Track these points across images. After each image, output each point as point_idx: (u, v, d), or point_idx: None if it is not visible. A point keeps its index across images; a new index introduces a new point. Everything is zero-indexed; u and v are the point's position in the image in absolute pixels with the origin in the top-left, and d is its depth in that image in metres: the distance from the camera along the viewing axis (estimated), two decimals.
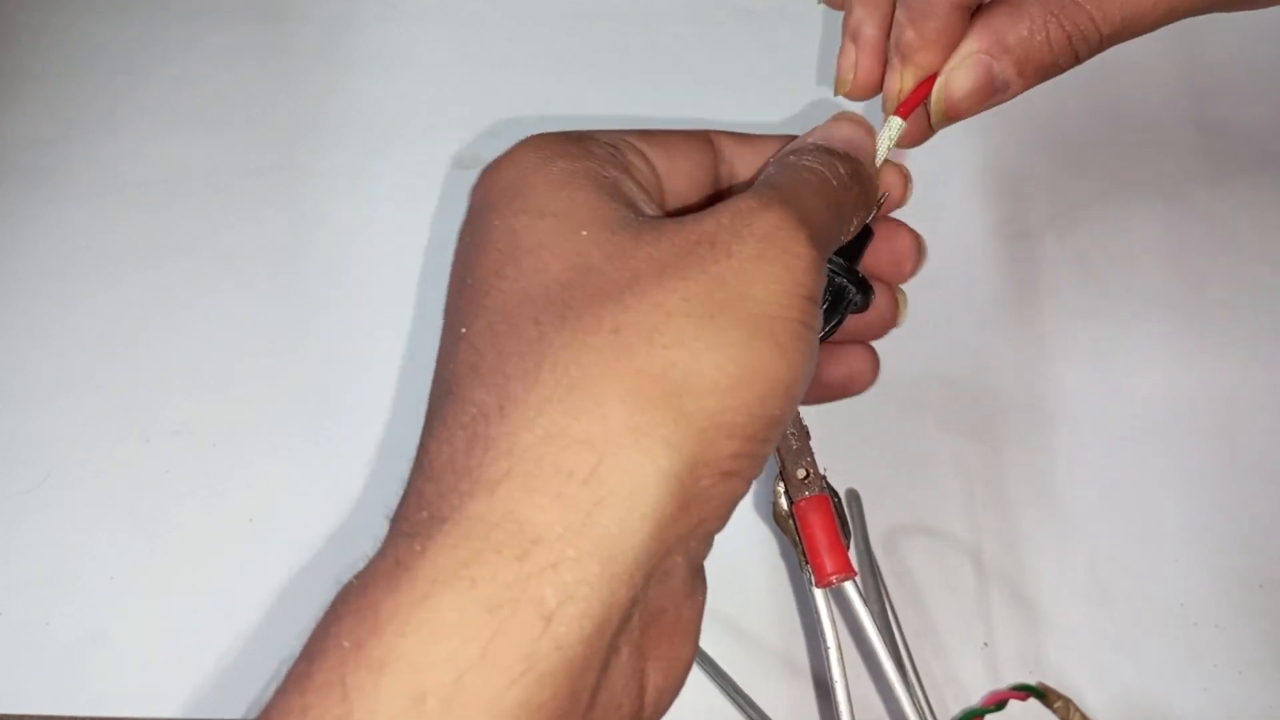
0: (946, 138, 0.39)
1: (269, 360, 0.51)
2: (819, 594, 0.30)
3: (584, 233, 0.24)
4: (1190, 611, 0.47)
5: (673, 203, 0.29)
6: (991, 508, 0.49)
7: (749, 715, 0.43)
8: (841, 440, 0.33)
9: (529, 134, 0.31)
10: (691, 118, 0.57)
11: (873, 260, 0.34)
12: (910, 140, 0.34)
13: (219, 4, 0.60)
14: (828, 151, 0.29)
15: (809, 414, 0.33)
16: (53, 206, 0.54)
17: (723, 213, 0.24)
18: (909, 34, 0.31)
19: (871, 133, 0.32)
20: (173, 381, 0.50)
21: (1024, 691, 0.44)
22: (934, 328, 0.52)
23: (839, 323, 0.37)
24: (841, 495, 0.33)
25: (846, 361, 0.35)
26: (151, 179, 0.55)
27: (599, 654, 0.20)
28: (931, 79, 0.32)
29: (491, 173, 0.27)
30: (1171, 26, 0.59)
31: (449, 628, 0.19)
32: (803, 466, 0.31)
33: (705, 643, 0.45)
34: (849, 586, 0.30)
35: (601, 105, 0.57)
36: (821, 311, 0.26)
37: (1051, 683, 0.46)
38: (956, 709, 0.45)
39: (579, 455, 0.20)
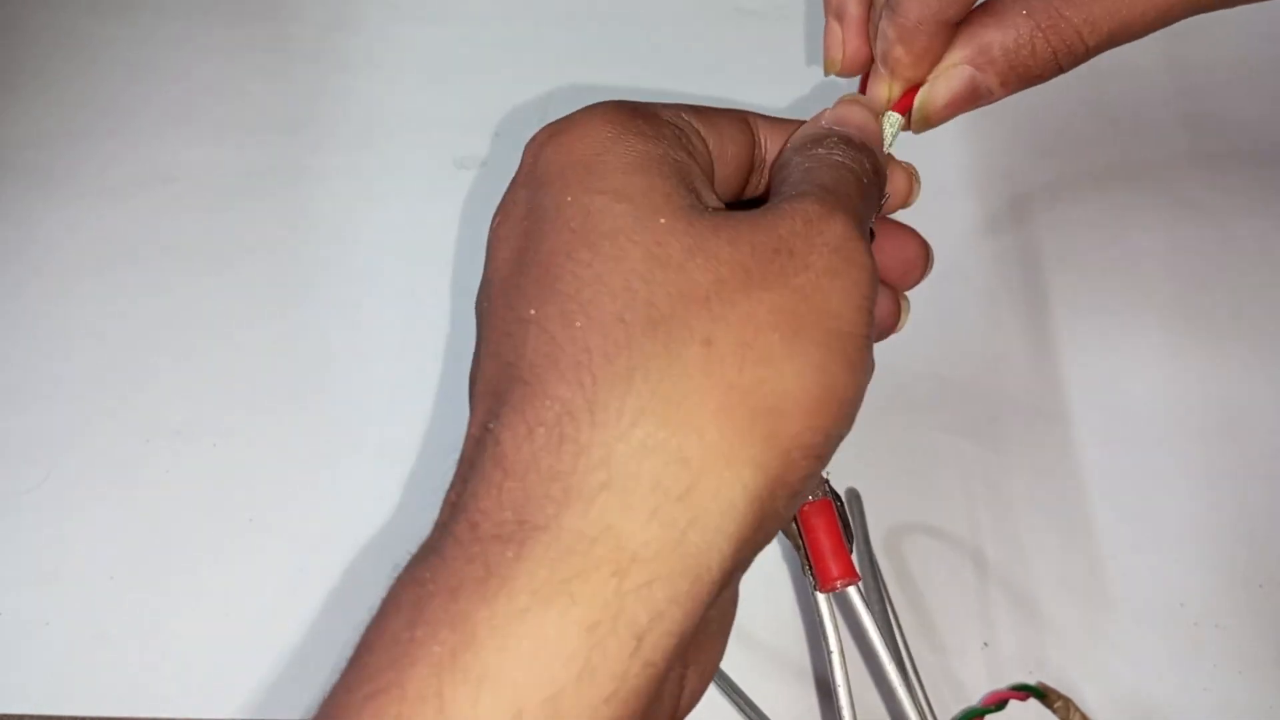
0: (945, 138, 0.39)
1: (268, 360, 0.51)
2: (821, 598, 0.30)
3: (662, 220, 0.23)
4: (1190, 611, 0.47)
5: (719, 187, 0.28)
6: (992, 508, 0.49)
7: (747, 714, 0.43)
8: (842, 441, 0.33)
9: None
10: None
11: (880, 265, 0.34)
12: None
13: (219, 4, 0.60)
14: (850, 143, 0.28)
15: None
16: (53, 206, 0.54)
17: (794, 217, 0.23)
18: (897, 50, 0.30)
19: (878, 119, 0.31)
20: (173, 381, 0.50)
21: (1024, 691, 0.44)
22: (934, 328, 0.52)
23: None
24: (842, 495, 0.33)
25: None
26: (151, 179, 0.55)
27: (674, 668, 0.20)
28: (918, 85, 0.32)
29: (559, 141, 0.26)
30: (1169, 26, 0.59)
31: (549, 645, 0.18)
32: None
33: None
34: (851, 590, 0.30)
35: None
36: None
37: (1051, 683, 0.46)
38: (957, 709, 0.45)
39: (675, 473, 0.20)
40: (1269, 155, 0.56)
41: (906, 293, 0.35)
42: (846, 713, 0.30)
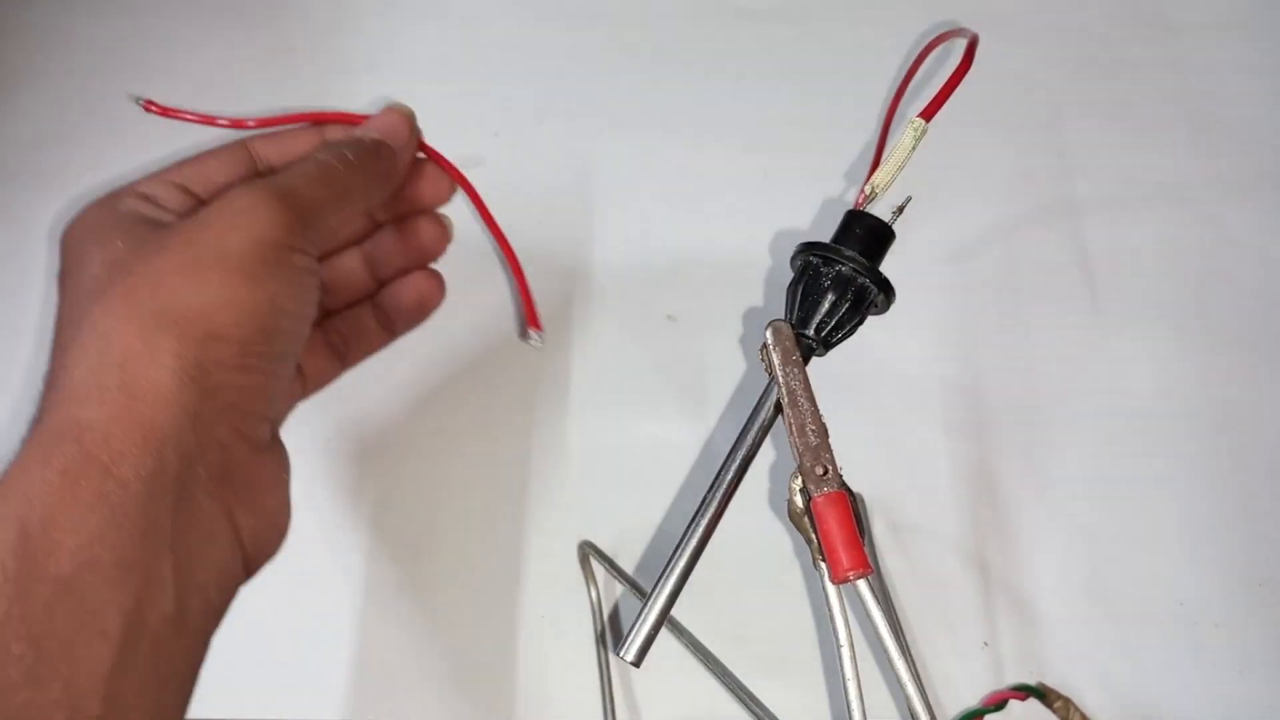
0: (947, 136, 0.39)
1: None
2: (833, 591, 0.30)
3: (118, 242, 0.33)
4: (1190, 611, 0.47)
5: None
6: (991, 508, 0.49)
7: (755, 713, 0.43)
8: (842, 440, 0.33)
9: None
10: (690, 115, 0.57)
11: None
12: None
13: (219, 4, 0.60)
14: (349, 142, 0.39)
15: (826, 413, 0.34)
16: (53, 205, 0.54)
17: (215, 202, 0.33)
18: None
19: (410, 119, 0.42)
20: None
21: (1024, 692, 0.44)
22: (934, 328, 0.52)
23: (860, 321, 0.37)
24: None
25: (415, 286, 0.44)
26: None
27: (163, 492, 0.28)
28: None
29: (66, 232, 0.36)
30: (1169, 27, 0.60)
31: (39, 485, 0.27)
32: (821, 464, 0.31)
33: (713, 644, 0.45)
34: (863, 584, 0.30)
35: (600, 105, 0.57)
36: (309, 255, 0.34)
37: (1051, 683, 0.46)
38: (956, 709, 0.45)
39: (113, 374, 0.29)
40: (1269, 155, 0.56)
41: None
42: (855, 707, 0.30)
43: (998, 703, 0.44)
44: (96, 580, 0.26)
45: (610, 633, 0.46)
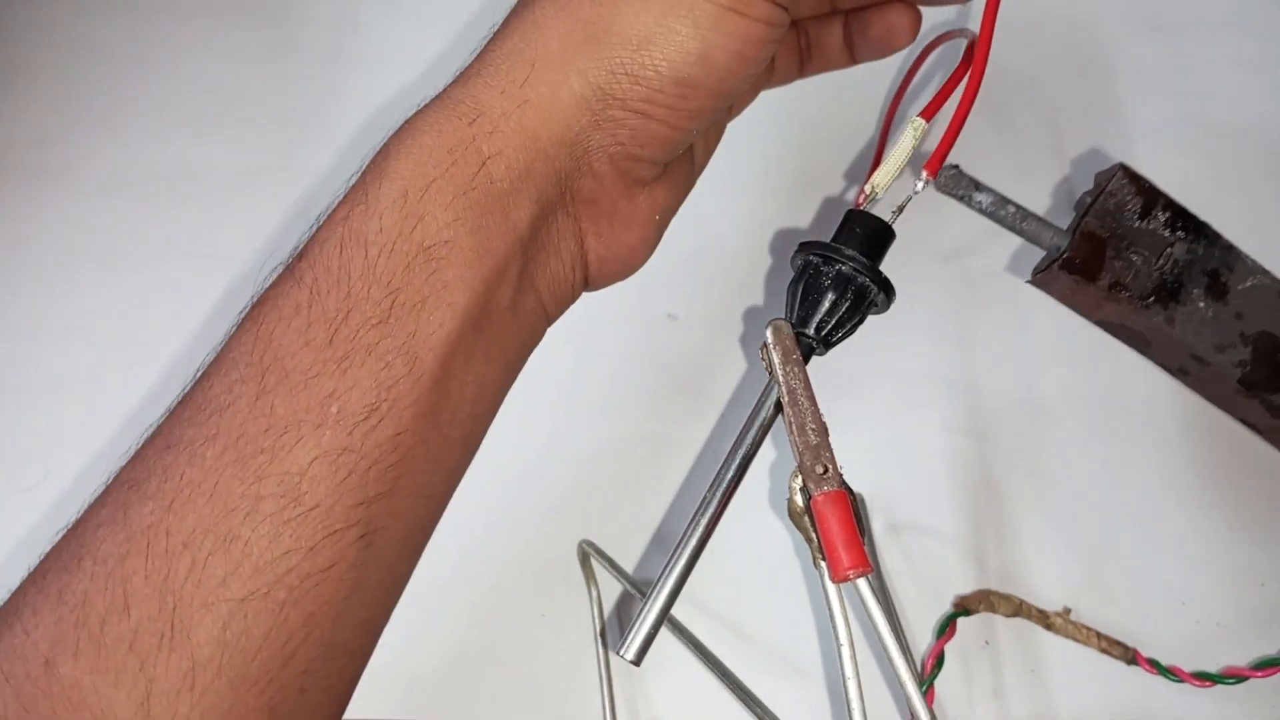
0: (959, 141, 0.39)
1: None
2: (833, 590, 0.30)
3: None
4: (1191, 610, 0.47)
5: None
6: (991, 507, 0.49)
7: (757, 714, 0.43)
8: (843, 440, 0.33)
9: None
10: None
11: None
12: None
13: (220, 3, 0.60)
14: None
15: (826, 414, 0.34)
16: (53, 205, 0.54)
17: None
18: None
19: None
20: (172, 381, 0.50)
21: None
22: (934, 327, 0.52)
23: (861, 320, 0.37)
24: None
25: (885, 18, 0.39)
26: (152, 178, 0.55)
27: (526, 199, 0.30)
28: None
29: None
30: (1169, 27, 0.60)
31: (425, 155, 0.29)
32: (821, 462, 0.31)
33: (713, 644, 0.45)
34: (863, 583, 0.30)
35: None
36: (778, 7, 0.30)
37: (1052, 682, 0.46)
38: (957, 708, 0.45)
39: (521, 68, 0.30)
40: (1269, 155, 0.56)
41: None
42: (855, 706, 0.30)
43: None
44: (452, 257, 0.28)
45: (610, 632, 0.46)
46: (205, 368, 0.29)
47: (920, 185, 0.37)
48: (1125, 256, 0.39)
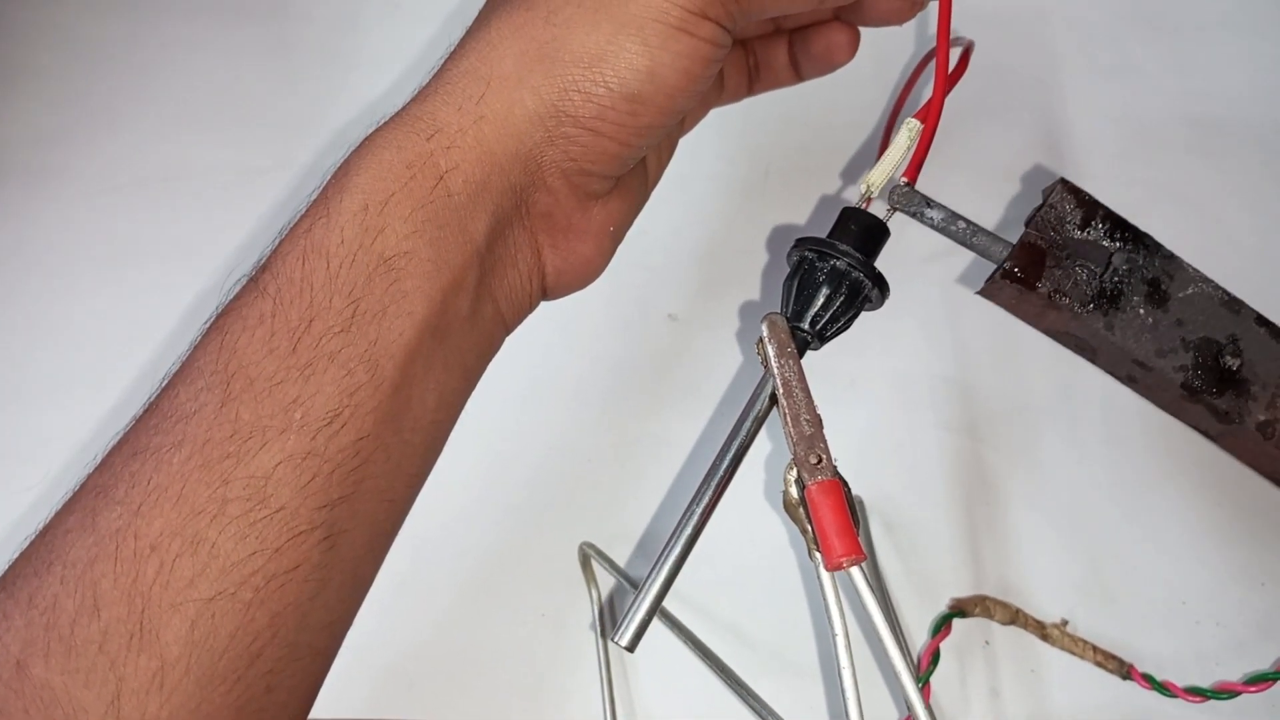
0: (947, 135, 0.39)
1: None
2: (827, 579, 0.30)
3: None
4: (1192, 610, 0.47)
5: None
6: (991, 507, 0.49)
7: (755, 709, 0.43)
8: (839, 440, 0.33)
9: None
10: None
11: None
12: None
13: (220, 3, 0.60)
14: None
15: (821, 412, 0.34)
16: (54, 205, 0.54)
17: None
18: None
19: None
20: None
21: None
22: (933, 326, 0.52)
23: (855, 315, 0.37)
24: None
25: (825, 36, 0.41)
26: (152, 178, 0.55)
27: (482, 212, 0.31)
28: None
29: None
30: (1169, 27, 0.60)
31: (385, 171, 0.30)
32: (815, 452, 0.31)
33: (710, 640, 0.45)
34: (856, 574, 0.30)
35: None
36: (724, 29, 0.31)
37: (1053, 682, 0.46)
38: (956, 708, 0.45)
39: (476, 86, 0.31)
40: (1269, 155, 0.56)
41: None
42: (851, 696, 0.30)
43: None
44: (411, 268, 0.29)
45: (610, 632, 0.46)
46: (170, 377, 0.30)
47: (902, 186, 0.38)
48: (1065, 266, 0.40)
